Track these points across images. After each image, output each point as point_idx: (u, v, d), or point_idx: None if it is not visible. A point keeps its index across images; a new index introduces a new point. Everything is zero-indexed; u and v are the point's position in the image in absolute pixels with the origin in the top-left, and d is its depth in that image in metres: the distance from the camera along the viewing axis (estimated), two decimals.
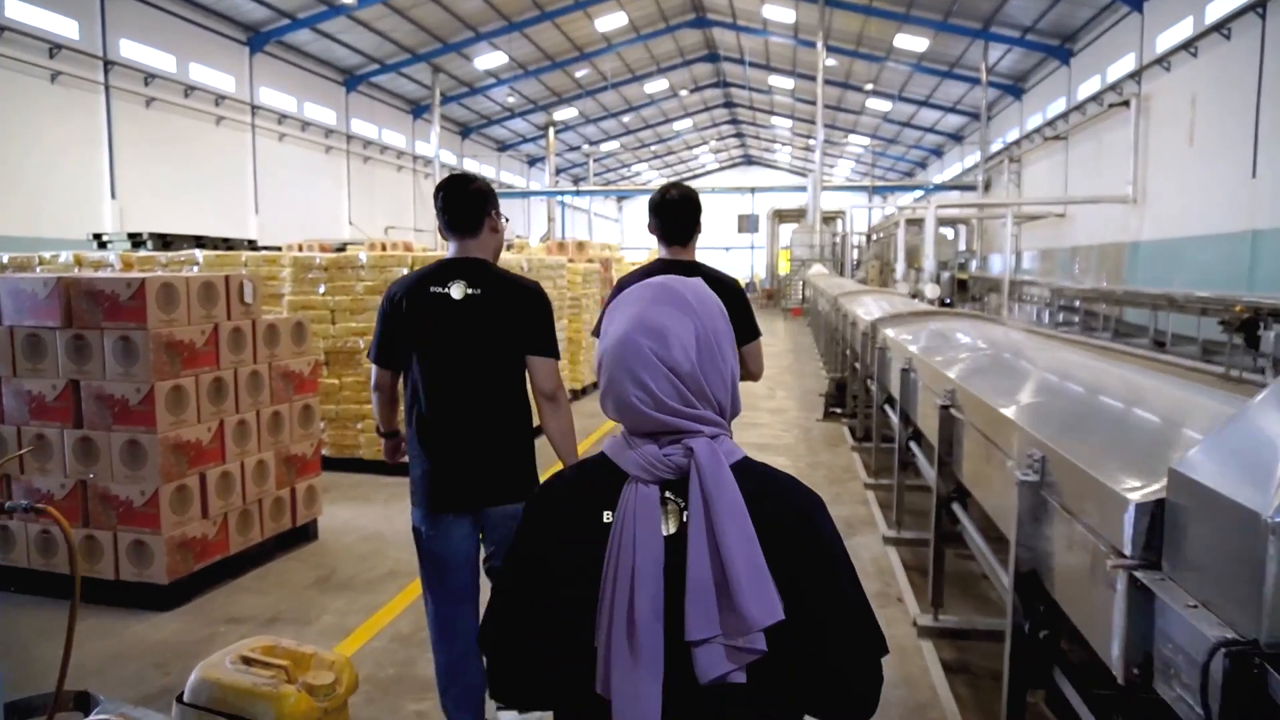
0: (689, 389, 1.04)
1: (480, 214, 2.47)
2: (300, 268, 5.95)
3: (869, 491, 5.64)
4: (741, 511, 0.99)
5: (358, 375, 5.94)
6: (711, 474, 1.00)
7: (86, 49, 17.68)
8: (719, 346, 1.07)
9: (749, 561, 0.97)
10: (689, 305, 1.07)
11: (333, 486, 5.65)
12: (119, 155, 18.62)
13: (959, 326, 4.84)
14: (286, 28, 22.81)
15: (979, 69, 26.41)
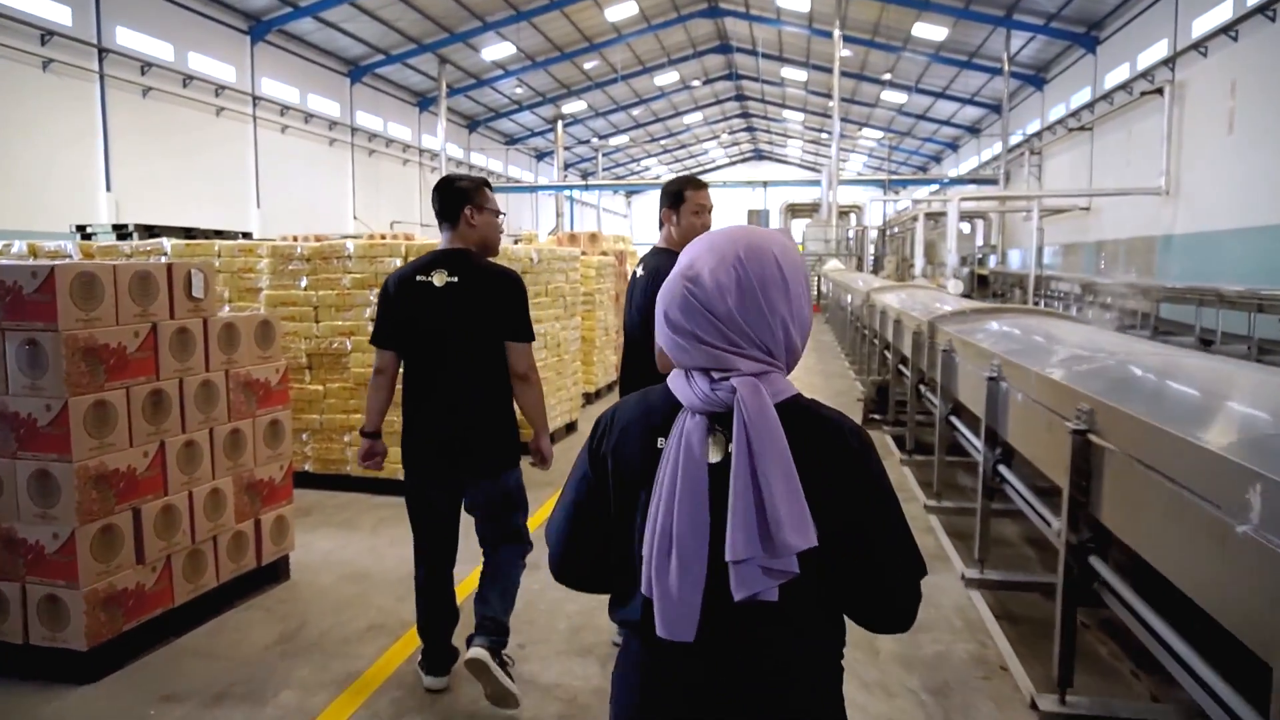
0: (729, 330, 1.11)
1: (457, 207, 2.75)
2: (279, 258, 5.27)
3: (932, 517, 4.88)
4: (780, 444, 1.06)
5: (344, 381, 5.26)
6: (752, 408, 1.07)
7: (80, 36, 17.15)
8: (765, 296, 1.11)
9: (786, 491, 1.04)
10: (736, 255, 1.12)
11: (315, 508, 4.97)
12: (114, 147, 18.13)
13: (1038, 325, 4.13)
14: (288, 16, 22.25)
15: (999, 59, 25.72)
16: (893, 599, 1.14)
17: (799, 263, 1.17)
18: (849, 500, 1.10)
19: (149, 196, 18.74)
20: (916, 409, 5.98)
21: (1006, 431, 3.38)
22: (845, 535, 1.09)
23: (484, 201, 2.79)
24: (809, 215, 32.09)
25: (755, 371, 1.10)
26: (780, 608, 1.07)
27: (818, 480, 1.07)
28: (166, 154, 19.44)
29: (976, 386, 3.69)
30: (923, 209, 23.73)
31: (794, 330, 1.14)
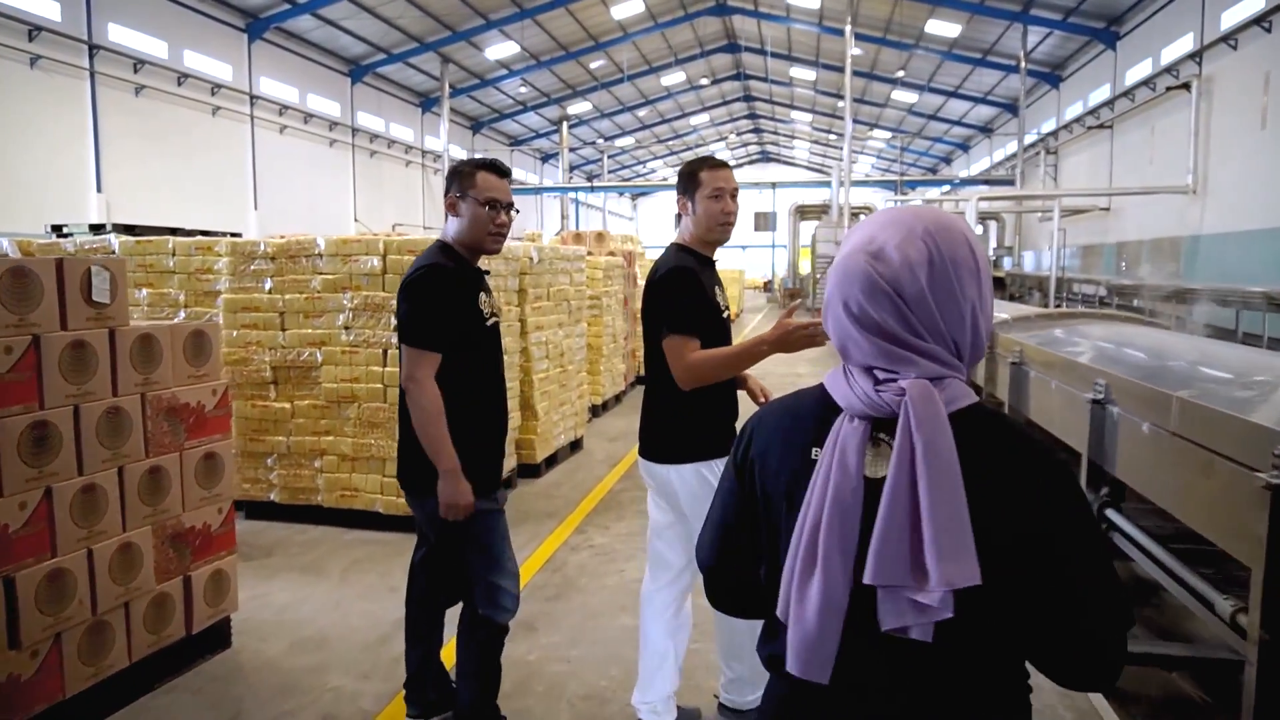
0: (916, 316, 0.99)
1: (446, 194, 2.51)
2: (239, 257, 4.60)
3: None
4: (949, 462, 0.93)
5: (314, 398, 4.60)
6: (922, 417, 0.94)
7: (69, 32, 16.67)
8: (957, 277, 0.99)
9: (948, 516, 0.91)
10: (924, 228, 1.01)
11: (278, 547, 4.32)
12: (106, 146, 17.66)
13: (1130, 334, 3.46)
14: (287, 13, 21.78)
15: (1015, 55, 25.20)
16: (1102, 652, 0.99)
17: (983, 251, 1.04)
18: (1043, 535, 0.95)
19: (142, 197, 18.32)
20: None
21: (1115, 466, 2.70)
22: (1037, 575, 0.95)
23: (470, 188, 2.41)
24: (818, 217, 31.50)
25: (932, 374, 0.99)
26: (938, 650, 0.95)
27: (999, 507, 0.94)
28: (160, 154, 19.02)
29: (1068, 410, 3.02)
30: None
31: (982, 322, 1.03)
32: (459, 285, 2.41)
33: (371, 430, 4.50)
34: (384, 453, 4.50)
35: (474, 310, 2.45)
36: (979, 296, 1.01)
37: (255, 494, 4.72)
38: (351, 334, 4.51)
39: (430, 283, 2.37)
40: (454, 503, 2.33)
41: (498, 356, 2.59)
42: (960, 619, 0.92)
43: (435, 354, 2.36)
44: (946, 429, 0.94)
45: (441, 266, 2.40)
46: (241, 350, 4.63)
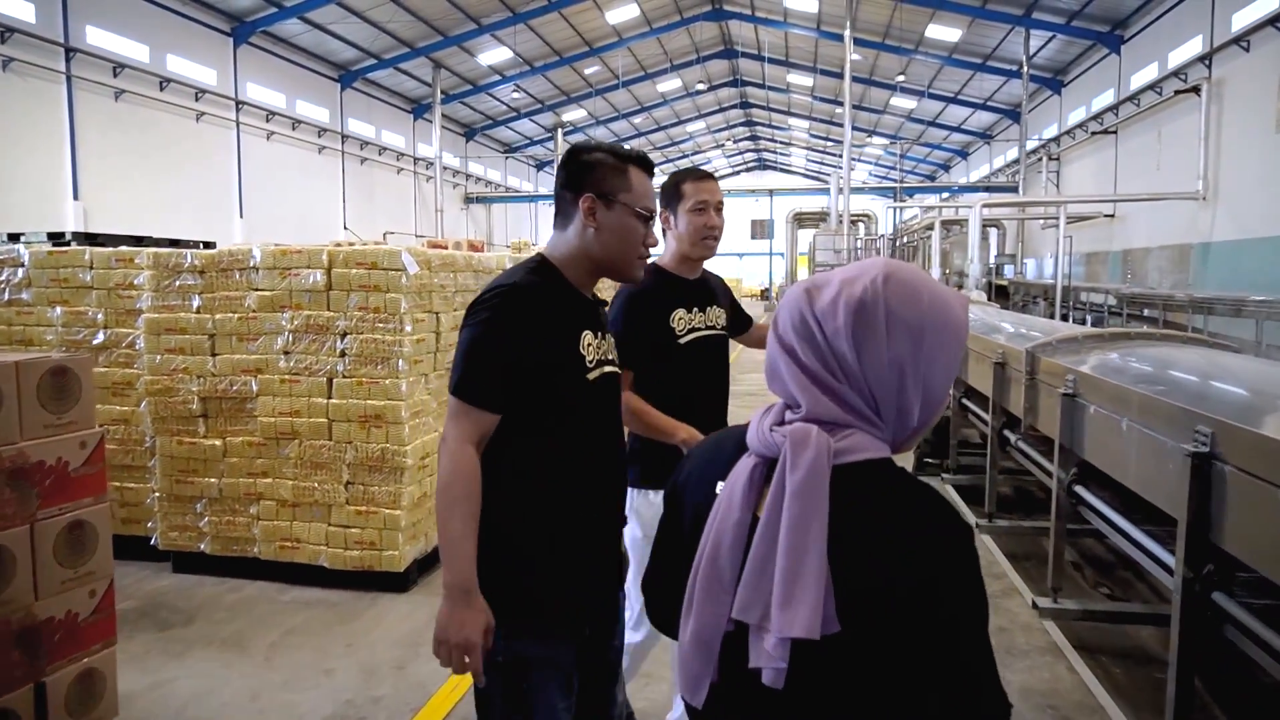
0: (833, 354, 0.96)
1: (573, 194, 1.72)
2: (163, 270, 4.00)
3: (1049, 625, 3.51)
4: (810, 509, 0.91)
5: (249, 434, 3.99)
6: (796, 461, 0.93)
7: (45, 34, 16.19)
8: (888, 327, 0.95)
9: (797, 564, 0.90)
10: (883, 275, 0.97)
11: (201, 612, 3.71)
12: (83, 152, 17.18)
13: (1207, 360, 2.87)
14: (273, 17, 21.33)
15: (1016, 60, 24.88)
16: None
17: (955, 326, 0.97)
18: (923, 607, 0.89)
19: (121, 205, 17.87)
20: (997, 456, 4.69)
21: (1225, 539, 2.11)
22: (911, 647, 0.90)
23: (623, 190, 1.70)
24: (815, 224, 31.08)
25: (836, 419, 0.96)
26: (788, 699, 0.93)
27: (875, 567, 0.91)
28: (141, 161, 18.56)
29: (1154, 463, 2.44)
30: (937, 217, 22.62)
31: (912, 390, 0.96)
32: (549, 316, 1.66)
33: (315, 472, 3.90)
34: (329, 498, 3.91)
35: (570, 355, 1.67)
36: (912, 359, 0.95)
37: (183, 544, 4.12)
38: (291, 360, 3.92)
39: (505, 309, 1.62)
40: (444, 636, 1.54)
41: (609, 421, 1.79)
42: (822, 669, 0.92)
43: (488, 414, 1.61)
44: (819, 476, 0.92)
45: (522, 288, 1.65)
46: (165, 378, 4.03)
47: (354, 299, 3.81)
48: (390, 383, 3.79)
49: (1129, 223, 21.47)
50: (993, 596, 3.86)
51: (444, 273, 4.13)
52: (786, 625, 0.89)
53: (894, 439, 0.99)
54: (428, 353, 4.00)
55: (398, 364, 3.78)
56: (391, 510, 3.84)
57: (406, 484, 3.84)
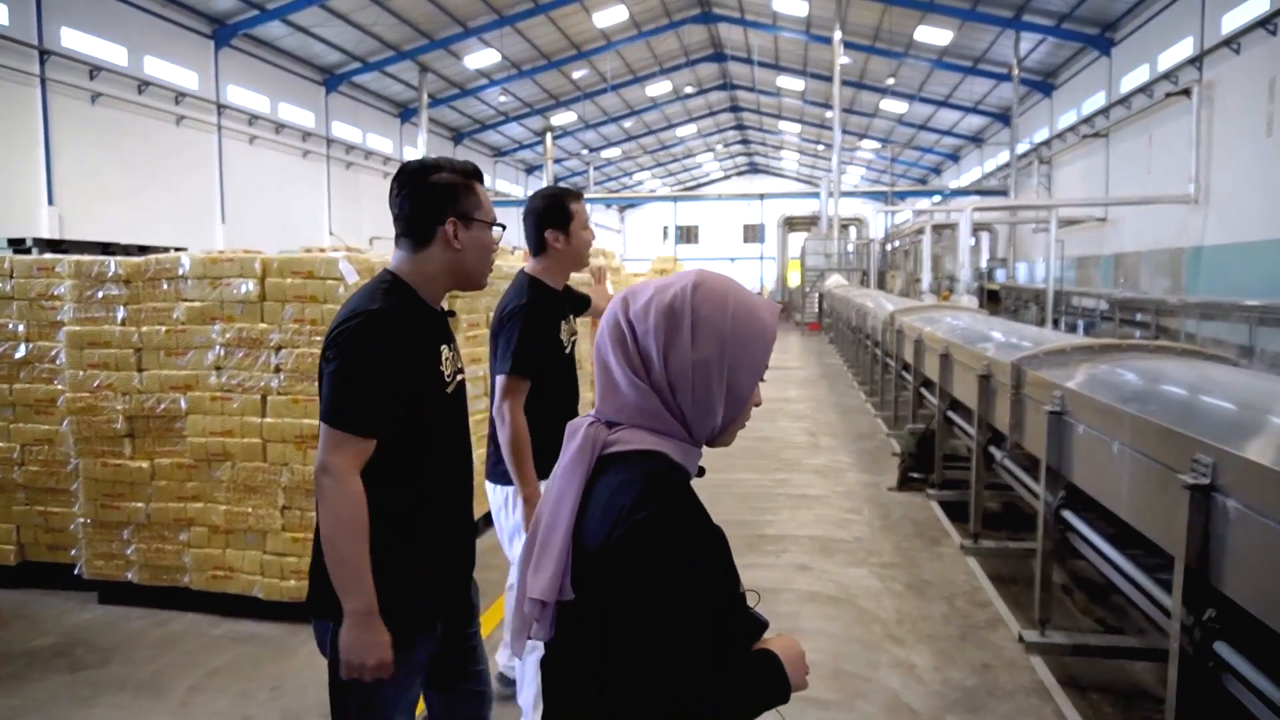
0: (640, 353, 1.03)
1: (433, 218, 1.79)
2: (85, 279, 3.71)
3: (1037, 660, 3.24)
4: (564, 490, 1.03)
5: (179, 455, 3.71)
6: (565, 450, 1.06)
7: (18, 36, 15.86)
8: (695, 329, 1.02)
9: (547, 536, 1.02)
10: (695, 284, 1.05)
11: (123, 648, 3.44)
12: (58, 156, 16.84)
13: (1206, 376, 2.63)
14: (255, 19, 21.04)
15: (1006, 63, 24.79)
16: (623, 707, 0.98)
17: (760, 332, 1.06)
18: (605, 584, 0.99)
19: (98, 210, 17.53)
20: (981, 475, 4.44)
21: (1226, 582, 1.86)
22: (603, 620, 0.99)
23: (475, 208, 1.80)
24: (807, 229, 30.98)
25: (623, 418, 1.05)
26: (559, 655, 1.07)
27: (589, 542, 1.01)
28: (119, 165, 18.25)
29: (1149, 491, 2.20)
30: (928, 221, 22.48)
31: (716, 389, 1.04)
32: (412, 339, 1.73)
33: (249, 496, 3.62)
34: (264, 524, 3.62)
35: (432, 375, 1.76)
36: (717, 361, 1.02)
37: (109, 573, 3.83)
38: (223, 375, 3.64)
39: (372, 336, 1.66)
40: (358, 661, 1.62)
41: (461, 427, 1.90)
42: (570, 630, 1.03)
43: (365, 440, 1.66)
44: (577, 462, 1.03)
45: (386, 314, 1.69)
46: (88, 396, 3.75)
47: (289, 310, 3.53)
48: None
49: (1120, 226, 21.38)
50: (977, 628, 3.60)
51: None
52: (533, 588, 1.01)
53: (697, 435, 1.05)
54: None
55: None
56: None
57: None
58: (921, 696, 3.00)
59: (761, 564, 4.43)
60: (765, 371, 1.08)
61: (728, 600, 1.03)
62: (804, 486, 6.09)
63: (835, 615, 3.71)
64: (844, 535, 4.87)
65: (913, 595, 3.95)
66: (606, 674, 0.98)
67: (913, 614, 3.72)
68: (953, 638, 3.48)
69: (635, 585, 0.96)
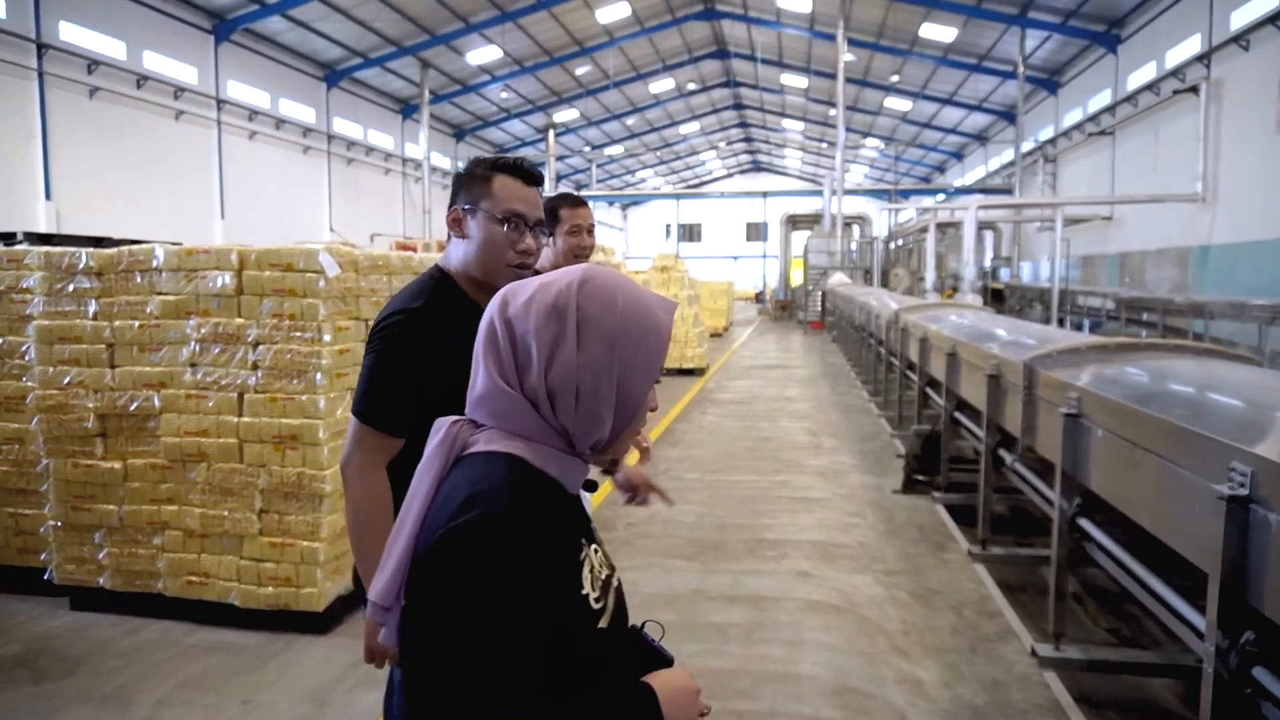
0: (515, 351, 0.96)
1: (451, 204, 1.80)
2: (55, 272, 3.55)
3: (1051, 676, 3.05)
4: (416, 493, 0.96)
5: (153, 455, 3.55)
6: (427, 448, 0.99)
7: (15, 29, 15.74)
8: (581, 329, 0.94)
9: (396, 538, 0.95)
10: (581, 280, 0.98)
11: (90, 658, 3.28)
12: (56, 151, 16.75)
13: (1231, 377, 2.47)
14: (256, 14, 20.93)
15: (1011, 61, 24.62)
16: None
17: (653, 333, 0.98)
18: (413, 588, 0.93)
19: (96, 205, 17.44)
20: (990, 480, 4.28)
21: (1266, 602, 1.70)
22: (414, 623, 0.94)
23: (484, 197, 1.72)
24: (809, 227, 30.82)
25: (486, 422, 0.99)
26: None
27: (419, 544, 0.95)
28: (118, 160, 18.14)
29: (1179, 503, 2.03)
30: (932, 219, 22.32)
31: (604, 394, 0.95)
32: (450, 338, 1.60)
33: (225, 499, 3.46)
34: (241, 528, 3.46)
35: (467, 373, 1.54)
36: (605, 365, 0.94)
37: (81, 578, 3.67)
38: (198, 372, 3.48)
39: (408, 333, 1.65)
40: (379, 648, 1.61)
41: None
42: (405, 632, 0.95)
43: (391, 438, 1.65)
44: (432, 461, 0.97)
45: (425, 313, 1.67)
46: (59, 393, 3.59)
47: (268, 304, 3.38)
48: (307, 399, 3.36)
49: (1126, 225, 21.24)
50: (987, 640, 3.44)
51: (375, 275, 3.70)
52: (372, 590, 0.94)
53: (580, 445, 0.98)
54: (354, 365, 3.57)
55: (315, 378, 3.35)
56: (310, 542, 3.40)
57: (326, 513, 3.40)
58: (929, 715, 2.84)
59: (761, 570, 4.26)
60: (660, 373, 0.99)
61: (574, 623, 0.93)
62: (805, 489, 5.92)
63: (838, 626, 3.54)
64: (847, 540, 4.71)
65: (919, 604, 3.78)
66: (410, 693, 0.90)
67: (919, 625, 3.56)
68: (961, 651, 3.31)
69: (441, 594, 0.87)
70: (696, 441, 7.69)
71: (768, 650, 3.30)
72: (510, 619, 0.86)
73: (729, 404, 9.96)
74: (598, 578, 0.99)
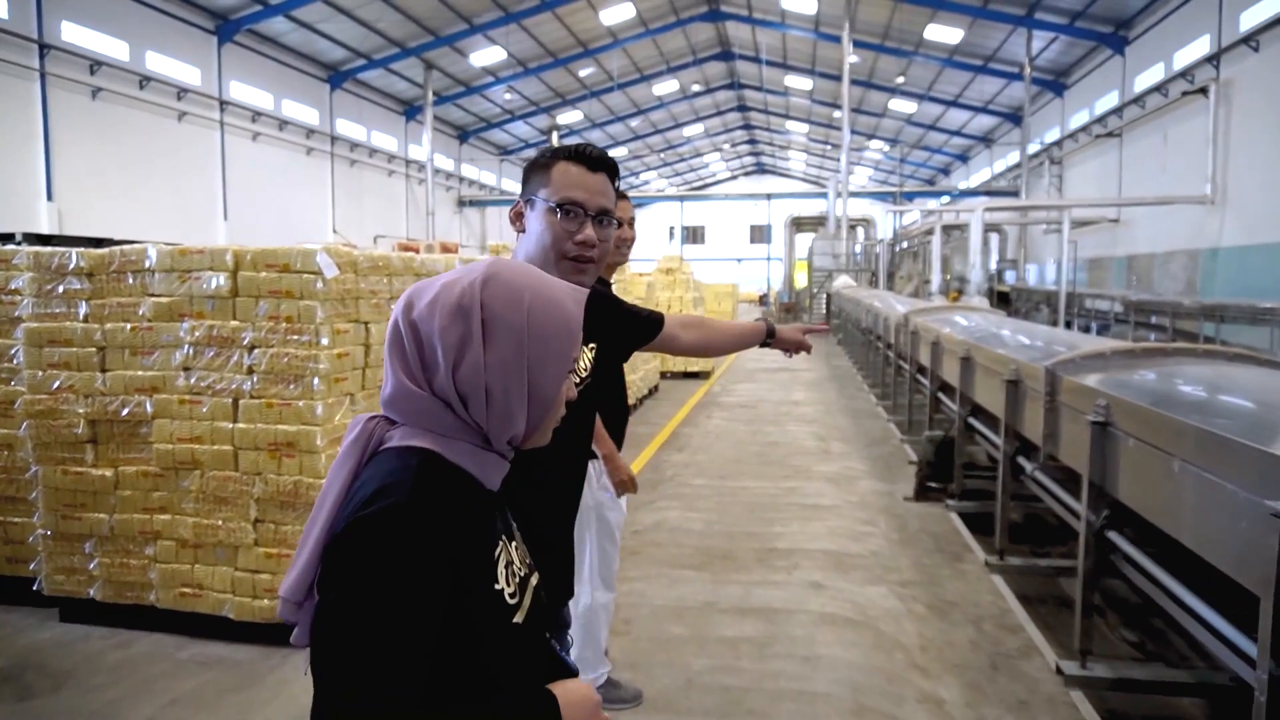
0: (422, 353, 0.95)
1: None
2: (45, 272, 3.44)
3: (1077, 695, 2.92)
4: (328, 488, 0.95)
5: (144, 463, 3.43)
6: (343, 443, 0.99)
7: (17, 30, 15.71)
8: (488, 328, 0.94)
9: (305, 538, 0.94)
10: (486, 276, 0.96)
11: (78, 672, 3.16)
12: (58, 152, 16.72)
13: (1268, 382, 2.34)
14: (258, 15, 20.90)
15: (1018, 63, 24.50)
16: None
17: (564, 327, 0.97)
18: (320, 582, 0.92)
19: (98, 206, 17.43)
20: (1008, 486, 4.15)
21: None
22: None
23: (543, 186, 1.59)
24: (814, 229, 30.70)
25: (397, 419, 0.98)
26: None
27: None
28: (120, 161, 18.13)
29: (1223, 520, 1.90)
30: (937, 221, 22.19)
31: (515, 391, 0.95)
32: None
33: (219, 507, 3.34)
34: (235, 538, 3.35)
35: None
36: (515, 363, 0.94)
37: (71, 589, 3.55)
38: (192, 377, 3.36)
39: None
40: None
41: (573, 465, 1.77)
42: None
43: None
44: (345, 457, 0.96)
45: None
46: (49, 398, 3.47)
47: (263, 306, 3.26)
48: (304, 404, 3.24)
49: (1134, 227, 21.14)
50: (1009, 656, 3.31)
51: (375, 276, 3.58)
52: (283, 585, 0.93)
53: (496, 442, 0.97)
54: (353, 369, 3.45)
55: (312, 382, 3.24)
56: None
57: None
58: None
59: (772, 581, 4.14)
60: (573, 365, 0.98)
61: (483, 616, 0.93)
62: (815, 495, 5.79)
63: (854, 641, 3.42)
64: (859, 549, 4.58)
65: (936, 618, 3.66)
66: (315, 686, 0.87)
67: (937, 640, 3.43)
68: (983, 668, 3.18)
69: (341, 583, 0.86)
70: (703, 446, 7.57)
71: (781, 666, 3.18)
72: (407, 610, 0.85)
73: (735, 408, 9.84)
74: (515, 575, 0.99)
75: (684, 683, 3.06)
